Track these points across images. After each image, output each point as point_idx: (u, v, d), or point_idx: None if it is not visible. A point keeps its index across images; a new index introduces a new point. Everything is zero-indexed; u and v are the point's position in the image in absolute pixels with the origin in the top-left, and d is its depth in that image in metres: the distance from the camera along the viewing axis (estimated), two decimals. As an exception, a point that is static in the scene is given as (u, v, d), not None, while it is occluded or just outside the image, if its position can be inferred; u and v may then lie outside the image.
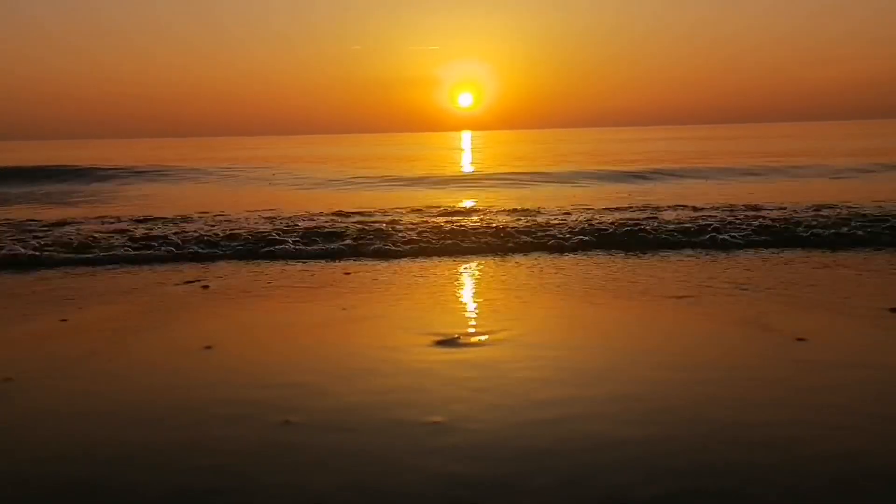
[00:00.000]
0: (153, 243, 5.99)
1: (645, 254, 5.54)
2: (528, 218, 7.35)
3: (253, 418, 2.34)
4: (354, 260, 5.51)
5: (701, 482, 1.88)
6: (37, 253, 5.65)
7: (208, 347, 3.15)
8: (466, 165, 19.59)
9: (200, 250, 5.83)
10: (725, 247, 5.73)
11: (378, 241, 5.96)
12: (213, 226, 7.19)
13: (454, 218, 7.60)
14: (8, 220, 8.14)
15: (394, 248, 5.79)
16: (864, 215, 6.84)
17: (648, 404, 2.41)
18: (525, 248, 5.79)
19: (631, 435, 2.15)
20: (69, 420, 2.37)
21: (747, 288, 4.22)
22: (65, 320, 3.74)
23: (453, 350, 3.04)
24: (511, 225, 6.67)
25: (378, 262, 5.37)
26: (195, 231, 6.68)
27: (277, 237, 6.19)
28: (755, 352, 3.02)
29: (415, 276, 4.85)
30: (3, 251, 5.67)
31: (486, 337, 3.24)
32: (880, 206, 7.64)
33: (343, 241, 6.03)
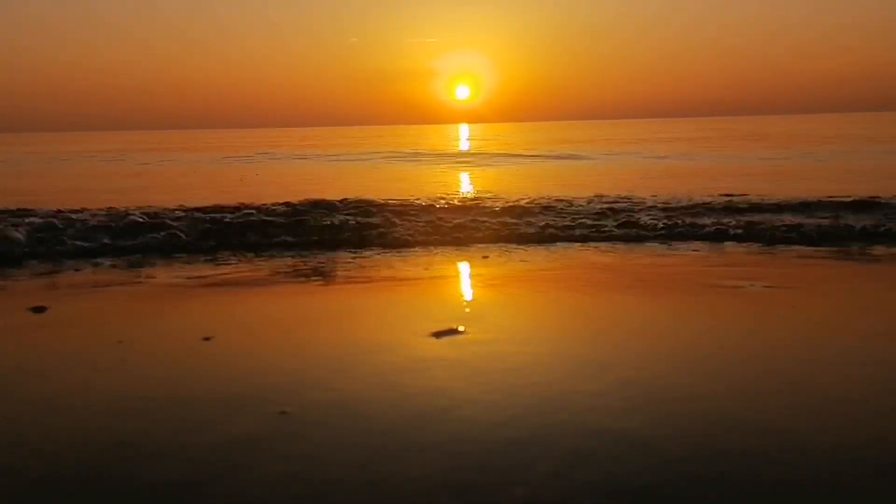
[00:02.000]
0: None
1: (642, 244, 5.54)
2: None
3: (250, 409, 2.34)
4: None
5: (698, 469, 1.88)
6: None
7: (207, 339, 3.15)
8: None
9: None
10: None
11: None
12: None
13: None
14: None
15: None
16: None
17: (647, 395, 2.40)
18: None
19: (629, 424, 2.15)
20: (68, 411, 2.37)
21: (747, 283, 4.22)
22: (63, 312, 3.74)
23: (451, 341, 3.04)
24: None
25: (376, 255, 5.36)
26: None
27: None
28: (753, 344, 3.02)
29: (413, 268, 4.84)
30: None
31: (485, 328, 3.24)
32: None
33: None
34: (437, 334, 3.12)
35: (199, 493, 1.82)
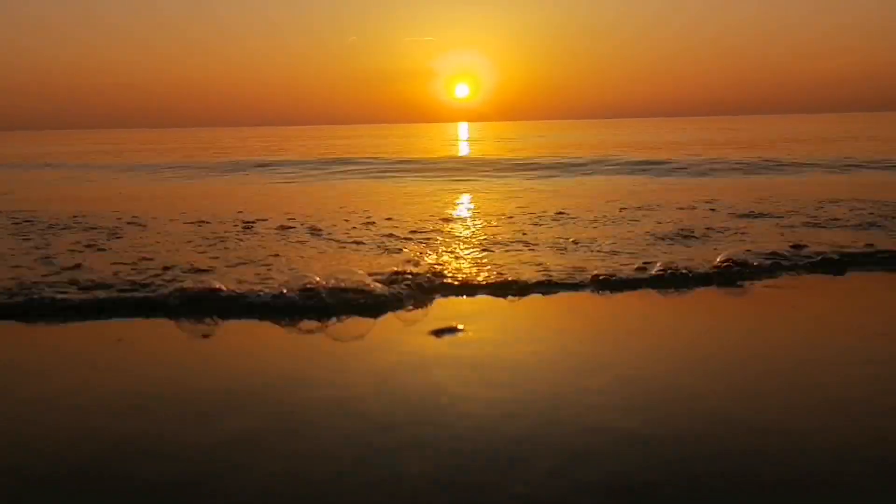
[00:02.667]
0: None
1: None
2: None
3: (249, 408, 2.34)
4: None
5: (698, 469, 1.88)
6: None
7: (207, 336, 3.15)
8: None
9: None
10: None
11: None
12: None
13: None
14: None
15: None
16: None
17: (647, 394, 2.41)
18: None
19: (629, 423, 2.15)
20: (68, 410, 2.37)
21: (747, 282, 4.21)
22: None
23: (450, 339, 3.04)
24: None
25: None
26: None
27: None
28: (753, 344, 3.02)
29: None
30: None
31: (484, 326, 3.24)
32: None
33: None
34: (437, 332, 3.12)
35: (199, 492, 1.82)
